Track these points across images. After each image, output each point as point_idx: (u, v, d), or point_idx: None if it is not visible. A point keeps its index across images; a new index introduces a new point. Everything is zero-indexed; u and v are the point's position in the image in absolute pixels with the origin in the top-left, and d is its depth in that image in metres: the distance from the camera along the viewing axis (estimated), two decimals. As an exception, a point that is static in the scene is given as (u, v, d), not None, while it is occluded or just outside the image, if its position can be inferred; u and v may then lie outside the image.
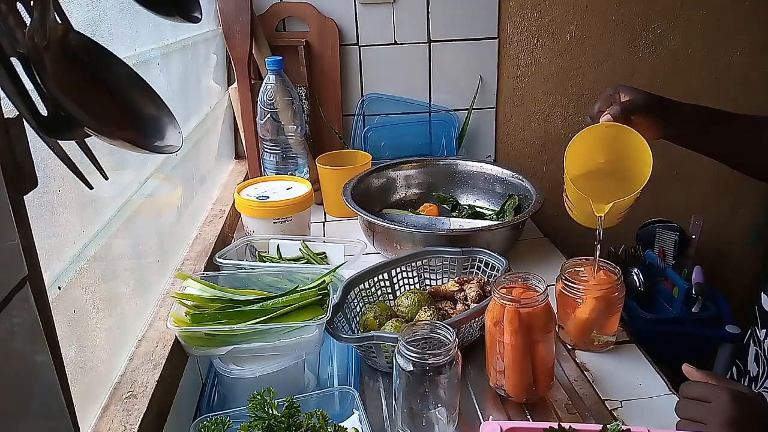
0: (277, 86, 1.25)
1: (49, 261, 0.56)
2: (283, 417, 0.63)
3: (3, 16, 0.35)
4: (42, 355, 0.41)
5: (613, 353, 0.87)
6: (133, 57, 0.82)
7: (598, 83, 1.60)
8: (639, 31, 1.57)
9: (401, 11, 1.48)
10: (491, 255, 0.95)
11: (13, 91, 0.37)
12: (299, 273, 0.90)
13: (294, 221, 1.10)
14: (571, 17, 1.53)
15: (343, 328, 0.86)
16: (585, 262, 0.89)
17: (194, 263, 0.98)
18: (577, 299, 0.84)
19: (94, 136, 0.40)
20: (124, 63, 0.46)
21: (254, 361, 0.76)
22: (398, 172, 1.35)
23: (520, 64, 1.56)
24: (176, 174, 1.01)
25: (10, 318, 0.36)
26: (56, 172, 0.57)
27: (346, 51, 1.51)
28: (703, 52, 1.60)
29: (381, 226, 1.08)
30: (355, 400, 0.72)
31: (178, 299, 0.79)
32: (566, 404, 0.77)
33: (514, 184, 1.25)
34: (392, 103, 1.56)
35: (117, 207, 0.75)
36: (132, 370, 0.70)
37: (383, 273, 0.95)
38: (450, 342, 0.69)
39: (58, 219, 0.59)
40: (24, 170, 0.38)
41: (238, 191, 1.13)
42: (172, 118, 0.47)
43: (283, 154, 1.30)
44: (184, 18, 0.48)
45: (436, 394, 0.70)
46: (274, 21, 1.47)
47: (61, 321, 0.58)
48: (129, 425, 0.62)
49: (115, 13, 0.77)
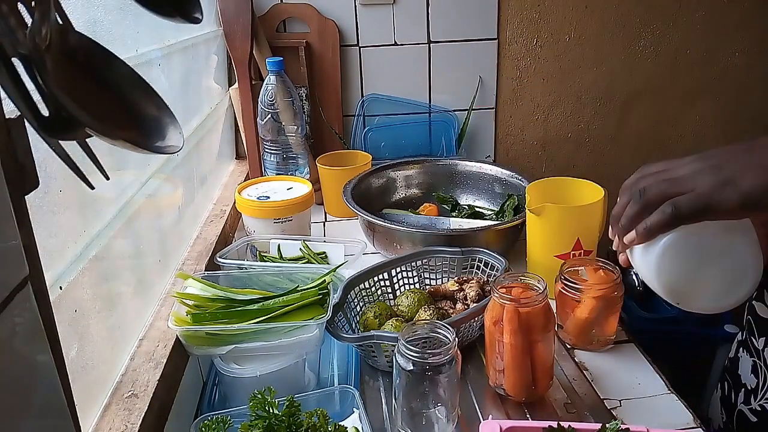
0: (278, 87, 1.25)
1: (50, 261, 0.56)
2: (283, 416, 0.63)
3: (4, 16, 0.36)
4: (43, 354, 0.41)
5: (612, 353, 0.87)
6: (134, 57, 0.82)
7: (597, 84, 1.60)
8: (638, 31, 1.57)
9: (401, 12, 1.48)
10: (491, 255, 0.95)
11: (14, 92, 0.37)
12: (300, 273, 0.90)
13: (294, 221, 1.10)
14: (570, 18, 1.54)
15: (344, 328, 0.86)
16: (584, 261, 0.89)
17: (195, 263, 0.98)
18: (576, 299, 0.84)
19: (95, 136, 0.40)
20: (126, 63, 0.46)
21: (255, 361, 0.76)
22: (398, 173, 1.35)
23: (520, 64, 1.57)
24: (177, 174, 1.01)
25: (12, 317, 0.37)
26: (57, 172, 0.57)
27: (346, 52, 1.51)
28: (702, 52, 1.60)
29: (381, 226, 1.08)
30: (355, 399, 0.72)
31: (179, 299, 0.79)
32: (565, 403, 0.77)
33: (513, 184, 1.26)
34: (392, 103, 1.56)
35: (118, 207, 0.75)
36: (133, 370, 0.71)
37: (383, 273, 0.95)
38: (450, 341, 0.69)
39: (59, 219, 0.59)
40: (25, 170, 0.38)
41: (239, 191, 1.13)
42: (173, 118, 0.47)
43: (284, 155, 1.30)
44: (184, 19, 0.48)
45: (436, 393, 0.70)
46: (275, 22, 1.47)
47: (62, 320, 0.58)
48: (130, 424, 0.62)
49: (116, 14, 0.77)
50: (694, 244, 0.58)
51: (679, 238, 0.57)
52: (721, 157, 0.55)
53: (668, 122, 1.68)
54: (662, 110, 1.66)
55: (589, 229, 0.94)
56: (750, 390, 0.86)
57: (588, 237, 0.94)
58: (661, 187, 0.56)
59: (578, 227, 0.94)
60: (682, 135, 1.69)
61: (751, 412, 0.85)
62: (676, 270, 0.59)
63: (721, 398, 0.93)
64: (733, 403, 0.89)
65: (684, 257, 0.58)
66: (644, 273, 0.62)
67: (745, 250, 0.58)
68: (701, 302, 0.61)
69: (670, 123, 1.68)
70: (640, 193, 0.56)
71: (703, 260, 0.58)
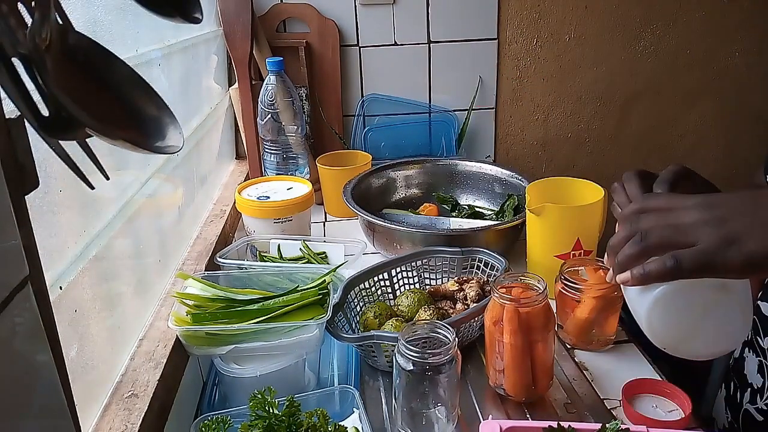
0: (278, 87, 1.25)
1: (50, 261, 0.56)
2: (283, 416, 0.63)
3: (4, 16, 0.36)
4: (43, 354, 0.41)
5: (612, 352, 0.87)
6: (134, 58, 0.82)
7: (597, 84, 1.60)
8: (638, 31, 1.57)
9: (401, 12, 1.48)
10: (491, 255, 0.95)
11: (14, 92, 0.37)
12: (300, 273, 0.90)
13: (294, 221, 1.10)
14: (570, 18, 1.53)
15: (344, 328, 0.86)
16: (584, 261, 0.89)
17: (195, 263, 0.98)
18: (576, 299, 0.84)
19: (95, 136, 0.40)
20: (125, 63, 0.46)
21: (255, 361, 0.76)
22: (398, 173, 1.35)
23: (520, 64, 1.57)
24: (177, 174, 1.01)
25: (12, 317, 0.37)
26: (57, 172, 0.57)
27: (346, 52, 1.51)
28: (702, 52, 1.60)
29: (381, 226, 1.08)
30: (355, 399, 0.72)
31: (179, 299, 0.79)
32: (565, 403, 0.77)
33: (513, 184, 1.26)
34: (392, 103, 1.56)
35: (118, 207, 0.75)
36: (133, 370, 0.71)
37: (383, 273, 0.95)
38: (450, 341, 0.69)
39: (59, 219, 0.59)
40: (25, 170, 0.38)
41: (239, 191, 1.13)
42: (173, 118, 0.47)
43: (284, 155, 1.30)
44: (184, 19, 0.48)
45: (436, 393, 0.70)
46: (275, 22, 1.47)
47: (62, 320, 0.58)
48: (130, 424, 0.62)
49: (116, 14, 0.77)
50: (688, 297, 0.57)
51: (674, 289, 0.56)
52: (726, 208, 0.53)
53: (668, 122, 1.68)
54: (662, 110, 1.66)
55: (589, 229, 0.94)
56: (756, 389, 0.87)
57: (588, 237, 0.94)
58: (664, 233, 0.54)
59: (578, 227, 0.94)
60: (682, 135, 1.69)
61: (757, 412, 0.85)
62: (666, 320, 0.58)
63: (726, 398, 0.94)
64: (738, 402, 0.89)
65: (676, 309, 0.58)
66: (635, 312, 0.61)
67: (738, 304, 0.57)
68: (688, 350, 0.60)
69: (670, 123, 1.68)
70: (642, 236, 0.55)
71: (695, 313, 0.58)
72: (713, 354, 0.62)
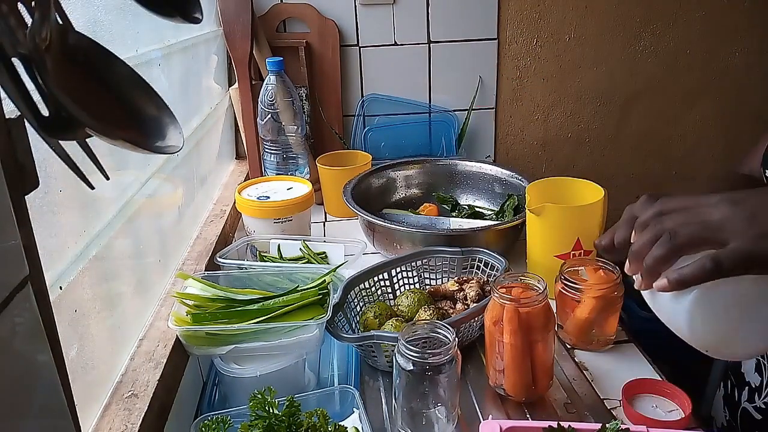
0: (278, 87, 1.25)
1: (50, 261, 0.56)
2: (283, 416, 0.63)
3: (4, 16, 0.36)
4: (43, 354, 0.41)
5: (612, 352, 0.87)
6: (134, 58, 0.82)
7: (597, 84, 1.60)
8: (638, 31, 1.57)
9: (401, 12, 1.48)
10: (491, 255, 0.95)
11: (14, 92, 0.37)
12: (300, 273, 0.90)
13: (294, 221, 1.10)
14: (570, 18, 1.54)
15: (344, 328, 0.86)
16: (584, 261, 0.89)
17: (195, 263, 0.98)
18: (576, 299, 0.84)
19: (95, 136, 0.40)
20: (125, 63, 0.46)
21: (255, 361, 0.76)
22: (398, 173, 1.35)
23: (520, 64, 1.57)
24: (177, 174, 1.01)
25: (12, 317, 0.37)
26: (57, 172, 0.57)
27: (346, 52, 1.51)
28: (702, 52, 1.60)
29: (381, 226, 1.08)
30: (355, 399, 0.72)
31: (179, 299, 0.79)
32: (565, 403, 0.77)
33: (513, 184, 1.26)
34: (392, 103, 1.56)
35: (118, 207, 0.75)
36: (133, 370, 0.71)
37: (383, 273, 0.95)
38: (450, 341, 0.69)
39: (59, 219, 0.59)
40: (25, 170, 0.38)
41: (239, 191, 1.13)
42: (173, 118, 0.47)
43: (284, 155, 1.30)
44: (184, 19, 0.48)
45: (436, 393, 0.70)
46: (275, 22, 1.47)
47: (62, 320, 0.58)
48: (130, 424, 0.62)
49: (116, 14, 0.77)
50: (729, 294, 0.54)
51: (713, 287, 0.53)
52: (752, 204, 0.51)
53: (668, 122, 1.68)
54: (662, 110, 1.66)
55: (589, 229, 0.94)
56: (754, 388, 0.87)
57: (588, 237, 0.94)
58: (693, 231, 0.52)
59: (578, 227, 0.94)
60: (682, 135, 1.69)
61: (755, 410, 0.85)
62: (709, 321, 0.56)
63: (724, 396, 0.94)
64: (736, 401, 0.90)
65: (718, 308, 0.55)
66: (671, 320, 0.58)
67: None
68: (734, 350, 0.58)
69: (670, 123, 1.68)
70: (670, 235, 0.53)
71: (739, 310, 0.55)
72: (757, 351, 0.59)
